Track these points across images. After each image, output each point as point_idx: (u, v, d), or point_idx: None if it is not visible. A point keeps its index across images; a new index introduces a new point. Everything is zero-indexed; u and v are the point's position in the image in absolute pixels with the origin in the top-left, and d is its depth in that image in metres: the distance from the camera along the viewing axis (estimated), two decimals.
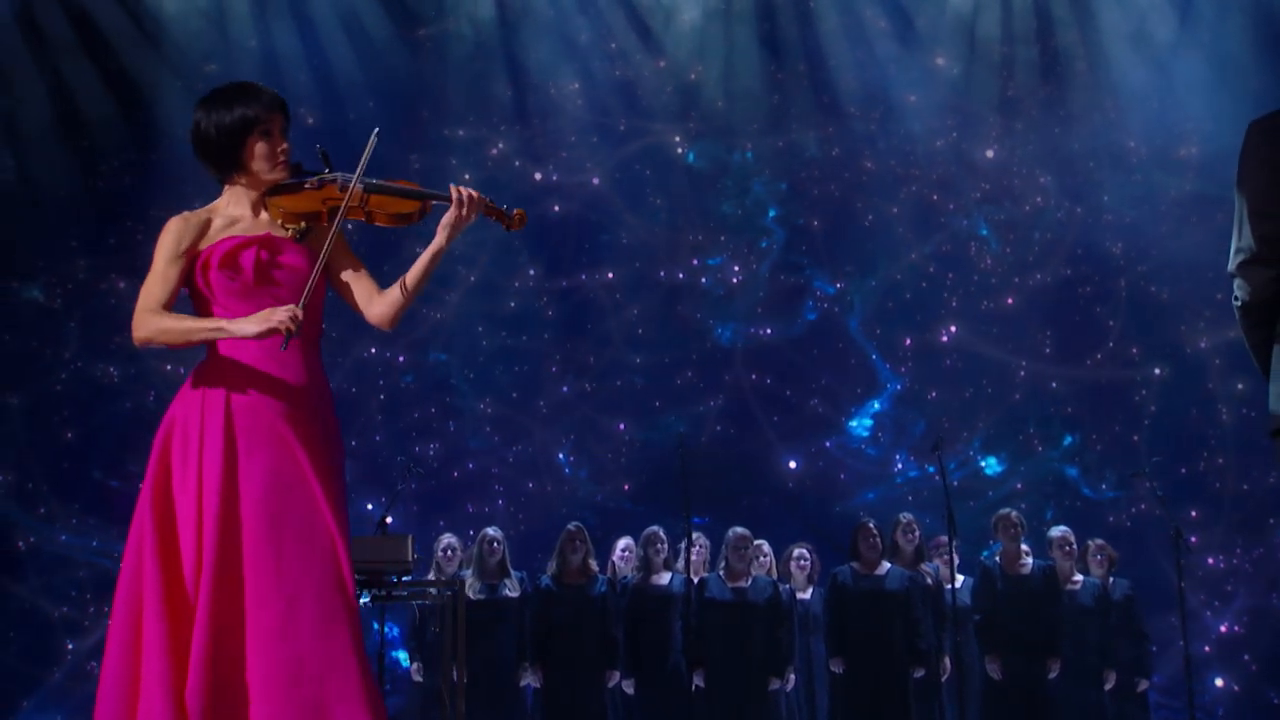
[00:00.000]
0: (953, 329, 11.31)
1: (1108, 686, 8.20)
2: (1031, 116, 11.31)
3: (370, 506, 10.04)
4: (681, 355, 11.31)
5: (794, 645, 8.27)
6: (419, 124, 11.23)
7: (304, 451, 3.38)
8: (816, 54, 11.30)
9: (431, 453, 11.04)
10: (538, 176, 11.40)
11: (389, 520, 7.99)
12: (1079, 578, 8.47)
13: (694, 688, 8.00)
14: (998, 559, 8.40)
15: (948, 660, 8.18)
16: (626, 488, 11.07)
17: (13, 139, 10.33)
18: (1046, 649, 8.09)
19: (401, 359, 11.24)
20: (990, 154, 11.39)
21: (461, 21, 11.10)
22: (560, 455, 11.21)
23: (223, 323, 3.38)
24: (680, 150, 11.57)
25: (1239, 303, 3.13)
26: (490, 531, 8.41)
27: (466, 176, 11.24)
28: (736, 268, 11.52)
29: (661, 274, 11.47)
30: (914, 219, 11.43)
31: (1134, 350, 11.11)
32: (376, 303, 3.61)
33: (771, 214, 11.62)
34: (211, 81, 10.55)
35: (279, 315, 3.31)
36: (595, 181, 11.43)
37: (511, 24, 11.17)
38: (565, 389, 11.27)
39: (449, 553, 8.46)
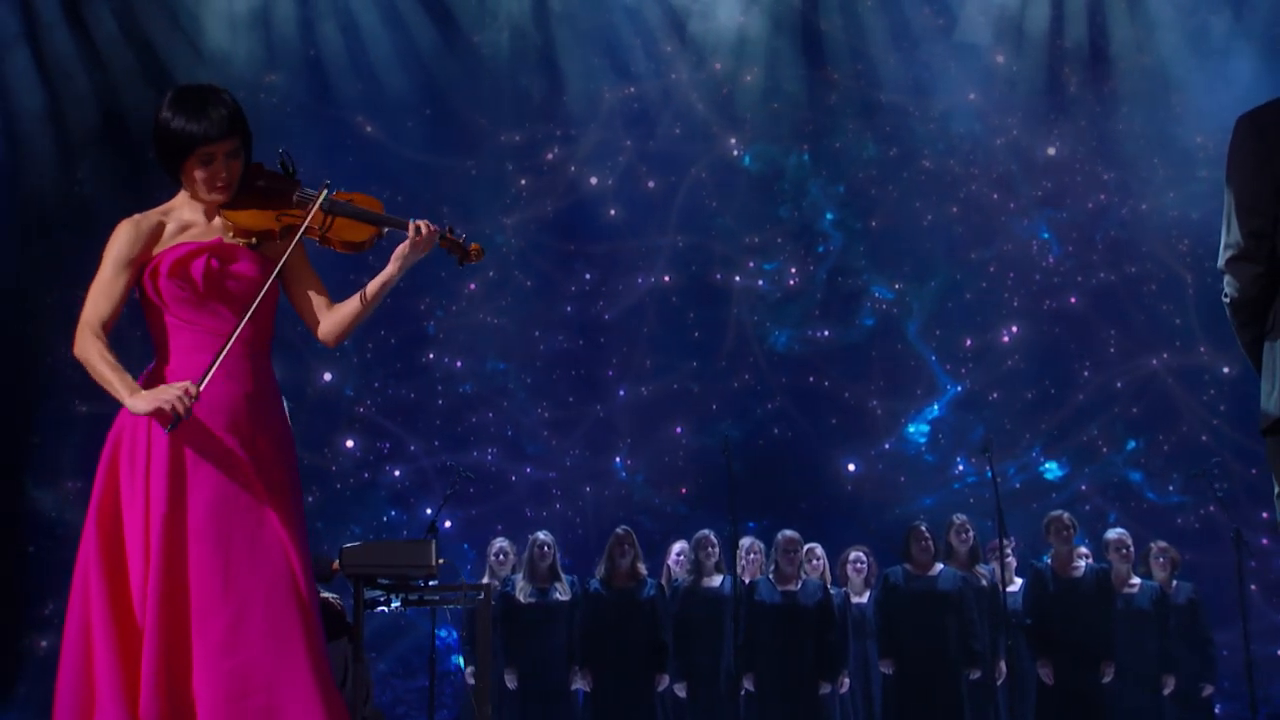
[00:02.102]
0: (1014, 329, 11.16)
1: (1166, 691, 7.98)
2: (1093, 114, 11.13)
3: (429, 511, 10.12)
4: (738, 359, 11.28)
5: (847, 649, 8.18)
6: (474, 130, 11.30)
7: (251, 463, 3.34)
8: (869, 54, 11.21)
9: (490, 458, 11.10)
10: (593, 181, 11.43)
11: (447, 524, 8.05)
12: (1136, 581, 8.25)
13: (744, 692, 7.95)
14: (1049, 561, 8.24)
15: (1003, 664, 8.04)
16: (684, 491, 11.05)
17: (71, 154, 10.56)
18: (1098, 653, 7.90)
19: (459, 365, 11.31)
20: (1051, 151, 11.22)
21: (513, 29, 11.15)
22: (617, 460, 11.22)
23: (125, 394, 3.26)
24: (736, 153, 11.54)
25: (1228, 299, 3.06)
26: (540, 535, 8.42)
27: (522, 181, 11.32)
28: (793, 270, 11.45)
29: (718, 277, 11.45)
30: (973, 219, 11.30)
31: (1202, 349, 10.88)
32: (326, 320, 3.60)
33: (829, 217, 11.55)
34: (271, 91, 10.84)
35: (169, 395, 3.20)
36: (650, 185, 11.43)
37: (564, 31, 11.20)
38: (622, 393, 11.28)
39: (501, 556, 8.50)
